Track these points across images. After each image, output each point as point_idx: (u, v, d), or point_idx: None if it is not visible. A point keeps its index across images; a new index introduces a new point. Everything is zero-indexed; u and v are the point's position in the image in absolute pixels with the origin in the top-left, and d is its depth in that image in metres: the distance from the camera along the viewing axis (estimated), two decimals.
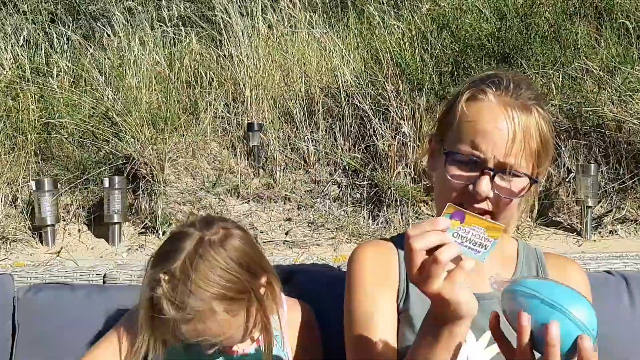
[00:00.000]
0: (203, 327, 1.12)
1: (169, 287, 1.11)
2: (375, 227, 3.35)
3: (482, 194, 1.04)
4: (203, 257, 1.14)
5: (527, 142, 1.04)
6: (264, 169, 3.52)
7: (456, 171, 1.07)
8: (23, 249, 3.24)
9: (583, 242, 3.20)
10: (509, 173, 1.05)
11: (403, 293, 1.17)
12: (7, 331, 1.56)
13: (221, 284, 1.13)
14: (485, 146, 1.04)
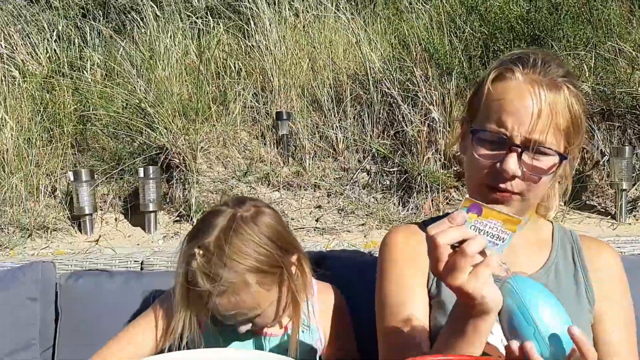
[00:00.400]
0: (236, 299, 1.16)
1: (203, 261, 1.16)
2: (405, 214, 3.35)
3: (509, 171, 1.04)
4: (236, 231, 1.18)
5: (554, 119, 1.04)
6: (293, 158, 3.55)
7: (483, 150, 1.07)
8: (63, 237, 3.33)
9: (617, 225, 3.14)
10: (536, 150, 1.04)
11: (434, 278, 1.17)
12: (50, 316, 1.62)
13: (254, 256, 1.17)
14: (511, 123, 1.04)
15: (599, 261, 1.20)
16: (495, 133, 1.05)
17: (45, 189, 3.41)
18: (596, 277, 1.18)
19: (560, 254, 1.20)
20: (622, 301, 1.19)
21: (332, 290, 1.39)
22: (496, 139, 1.06)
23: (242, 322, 1.22)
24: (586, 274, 1.18)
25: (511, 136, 1.04)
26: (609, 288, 1.18)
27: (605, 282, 1.18)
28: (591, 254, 1.21)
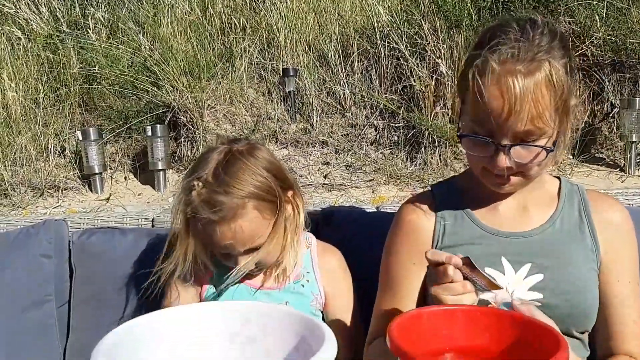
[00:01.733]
0: (236, 227, 1.18)
1: (202, 190, 1.18)
2: (413, 169, 3.35)
3: (500, 167, 1.07)
4: (233, 162, 1.21)
5: (538, 104, 1.02)
6: (301, 114, 3.53)
7: (473, 151, 1.10)
8: (74, 196, 3.37)
9: (626, 178, 3.13)
10: (521, 144, 1.05)
11: (437, 248, 1.21)
12: (65, 273, 1.66)
13: (252, 183, 1.19)
14: (493, 124, 1.04)
15: (606, 215, 1.21)
16: (480, 136, 1.07)
17: (54, 149, 3.43)
18: (603, 229, 1.20)
19: (567, 207, 1.22)
20: (630, 255, 1.21)
21: (334, 250, 1.42)
22: (482, 141, 1.07)
23: (242, 257, 1.23)
24: (592, 227, 1.20)
25: (495, 136, 1.05)
26: (617, 242, 1.20)
27: (612, 236, 1.20)
28: (598, 208, 1.22)
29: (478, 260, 1.15)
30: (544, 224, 1.20)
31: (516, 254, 1.16)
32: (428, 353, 0.83)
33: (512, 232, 1.19)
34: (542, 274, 1.15)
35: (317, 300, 1.35)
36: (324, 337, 0.74)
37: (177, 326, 0.87)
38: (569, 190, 1.25)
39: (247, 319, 0.87)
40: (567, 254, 1.17)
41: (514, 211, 1.22)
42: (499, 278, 1.14)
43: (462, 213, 1.22)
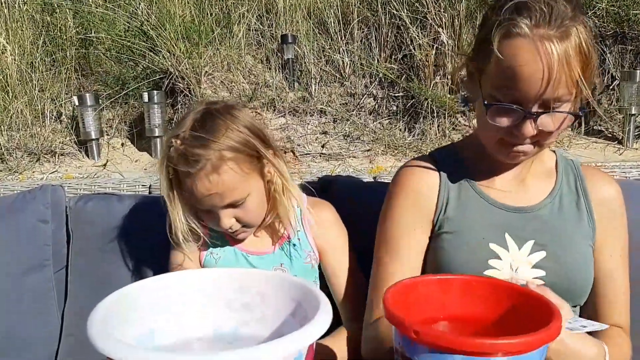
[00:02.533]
0: (216, 179, 1.18)
1: (180, 146, 1.18)
2: (411, 139, 3.34)
3: (525, 135, 1.04)
4: (210, 118, 1.21)
5: (568, 71, 0.99)
6: (299, 82, 3.50)
7: (498, 118, 1.05)
8: (71, 162, 3.36)
9: (624, 150, 3.13)
10: (550, 111, 1.02)
11: (440, 211, 1.19)
12: (62, 238, 1.66)
13: (230, 137, 1.19)
14: (524, 90, 1.00)
15: (600, 191, 1.22)
16: (507, 103, 1.03)
17: (50, 114, 3.41)
18: (598, 206, 1.21)
19: (564, 183, 1.22)
20: (621, 230, 1.23)
21: (325, 205, 1.42)
22: (509, 110, 1.03)
23: (225, 213, 1.23)
24: (589, 202, 1.21)
25: (526, 102, 1.02)
26: (610, 218, 1.21)
27: (606, 212, 1.21)
28: (593, 183, 1.23)
29: (482, 235, 1.15)
30: (545, 199, 1.20)
31: (519, 230, 1.16)
32: (423, 321, 0.84)
33: (515, 207, 1.18)
34: (544, 251, 1.15)
35: (310, 257, 1.36)
36: (319, 304, 0.75)
37: (173, 292, 0.87)
38: (565, 165, 1.25)
39: (242, 285, 0.88)
40: (568, 231, 1.18)
41: (513, 185, 1.21)
42: (503, 254, 1.14)
43: (466, 182, 1.21)
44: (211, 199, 1.20)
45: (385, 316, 0.77)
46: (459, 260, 1.14)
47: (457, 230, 1.17)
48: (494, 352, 0.68)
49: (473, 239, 1.15)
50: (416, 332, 0.71)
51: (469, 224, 1.16)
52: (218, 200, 1.21)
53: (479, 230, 1.16)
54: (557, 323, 0.73)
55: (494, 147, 1.12)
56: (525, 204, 1.19)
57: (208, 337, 0.89)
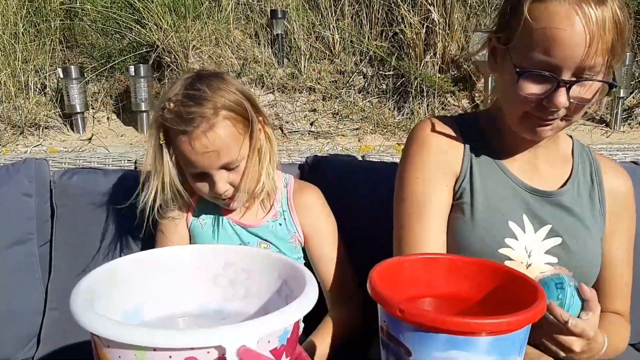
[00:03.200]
0: (209, 136, 1.17)
1: (174, 107, 1.18)
2: (400, 118, 3.33)
3: (559, 106, 1.00)
4: (203, 80, 1.21)
5: (604, 39, 0.96)
6: (288, 59, 3.47)
7: (530, 87, 1.01)
8: (55, 135, 3.31)
9: (611, 133, 3.15)
10: (584, 79, 0.99)
11: (463, 179, 1.15)
12: (46, 212, 1.65)
13: (223, 96, 1.20)
14: (561, 55, 0.96)
15: (614, 182, 1.22)
16: (543, 68, 0.99)
17: (34, 86, 3.35)
18: (610, 197, 1.20)
19: (581, 169, 1.21)
20: (630, 223, 1.24)
21: (312, 188, 1.42)
22: (542, 78, 1.00)
23: (219, 176, 1.23)
24: (602, 192, 1.20)
25: (561, 69, 0.98)
26: (620, 209, 1.21)
27: (617, 204, 1.21)
28: (608, 175, 1.22)
29: (502, 212, 1.11)
30: (565, 185, 1.17)
31: (537, 212, 1.14)
32: (409, 299, 0.84)
33: (537, 189, 1.15)
34: (560, 237, 1.13)
35: (295, 238, 1.36)
36: (305, 282, 0.74)
37: (159, 268, 0.87)
38: (581, 151, 1.23)
39: (229, 261, 0.87)
40: (584, 220, 1.16)
41: (528, 165, 1.18)
42: (519, 234, 1.12)
43: (488, 155, 1.16)
44: (208, 157, 1.19)
45: (371, 294, 0.77)
46: (476, 234, 1.10)
47: (479, 203, 1.12)
48: (478, 332, 0.68)
49: (493, 214, 1.11)
50: (401, 311, 0.71)
51: (491, 198, 1.12)
52: (214, 160, 1.20)
53: (499, 205, 1.12)
54: (542, 303, 0.74)
55: (519, 121, 1.08)
56: (542, 187, 1.16)
57: (193, 313, 0.88)
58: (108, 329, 0.62)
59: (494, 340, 0.69)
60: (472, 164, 1.15)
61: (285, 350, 0.68)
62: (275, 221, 1.35)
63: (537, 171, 1.18)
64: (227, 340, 0.61)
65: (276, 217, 1.36)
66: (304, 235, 1.36)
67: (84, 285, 0.73)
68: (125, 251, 1.55)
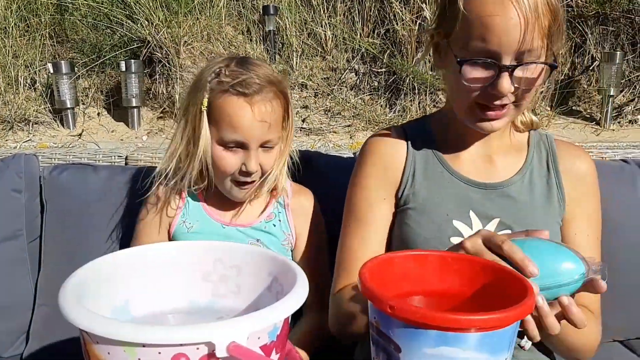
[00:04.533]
0: (269, 108, 1.20)
1: (232, 72, 1.20)
2: (392, 115, 3.34)
3: (503, 92, 1.01)
4: (247, 59, 1.24)
5: (539, 24, 0.98)
6: (280, 55, 3.46)
7: (472, 75, 1.02)
8: (45, 131, 3.30)
9: (601, 131, 3.17)
10: (526, 63, 1.00)
11: (406, 185, 1.18)
12: (36, 208, 1.63)
13: (271, 74, 1.23)
14: (498, 41, 0.98)
15: (572, 165, 1.20)
16: (482, 55, 1.00)
17: (24, 81, 3.33)
18: (569, 180, 1.19)
19: (536, 158, 1.20)
20: (591, 204, 1.21)
21: (307, 191, 1.42)
22: (484, 63, 1.01)
23: (256, 151, 1.22)
24: (559, 178, 1.19)
25: (500, 55, 0.99)
26: (581, 191, 1.19)
27: (577, 186, 1.19)
28: (565, 158, 1.21)
29: (446, 212, 1.13)
30: (514, 176, 1.17)
31: (484, 207, 1.14)
32: (399, 296, 0.84)
33: (482, 182, 1.16)
34: (510, 229, 1.12)
35: (288, 240, 1.36)
36: (295, 279, 0.74)
37: (149, 264, 0.86)
38: (538, 140, 1.23)
39: (219, 258, 0.87)
40: (536, 210, 1.15)
41: (480, 160, 1.19)
42: (466, 232, 1.12)
43: (434, 156, 1.19)
44: (259, 127, 1.19)
45: (361, 291, 0.77)
46: (423, 236, 1.13)
47: (422, 206, 1.15)
48: (468, 328, 0.68)
49: (437, 216, 1.14)
50: (391, 307, 0.71)
51: (434, 200, 1.15)
52: (262, 132, 1.20)
53: (443, 206, 1.14)
54: (531, 300, 0.74)
55: (467, 113, 1.08)
56: (492, 180, 1.16)
57: (183, 309, 0.88)
58: (97, 325, 0.61)
59: (483, 336, 0.69)
60: (416, 170, 1.18)
61: (275, 346, 0.68)
62: (269, 222, 1.35)
63: (490, 163, 1.18)
64: (217, 337, 0.60)
65: (270, 218, 1.35)
66: (295, 238, 1.36)
67: (72, 281, 0.73)
68: (115, 247, 1.54)
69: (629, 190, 1.53)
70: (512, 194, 1.16)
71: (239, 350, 0.61)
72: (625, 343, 1.57)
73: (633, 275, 1.47)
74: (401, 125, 1.26)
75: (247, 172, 1.23)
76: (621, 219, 1.46)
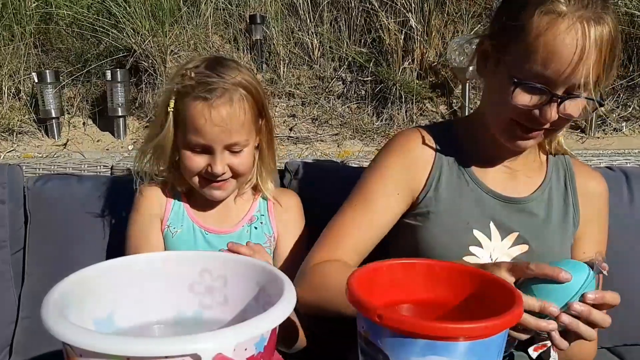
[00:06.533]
0: (230, 111, 1.19)
1: (195, 76, 1.20)
2: (379, 124, 3.35)
3: (548, 120, 1.02)
4: (222, 62, 1.24)
5: (600, 59, 0.98)
6: (267, 64, 3.47)
7: (523, 98, 1.02)
8: (29, 141, 3.26)
9: (586, 139, 3.20)
10: (575, 96, 1.00)
11: (428, 192, 1.17)
12: (20, 219, 1.61)
13: (241, 76, 1.22)
14: (558, 68, 0.97)
15: (588, 186, 1.23)
16: (538, 80, 1.00)
17: (8, 91, 3.29)
18: (584, 201, 1.21)
19: (554, 177, 1.22)
20: (601, 225, 1.24)
21: (290, 193, 1.43)
22: (537, 90, 1.01)
23: (221, 156, 1.22)
24: (575, 197, 1.21)
25: (555, 85, 0.99)
26: (593, 212, 1.22)
27: (590, 206, 1.22)
28: (582, 178, 1.23)
29: (467, 220, 1.14)
30: (535, 192, 1.18)
31: (505, 220, 1.15)
32: (387, 304, 0.84)
33: (505, 196, 1.17)
34: (527, 245, 1.14)
35: (270, 242, 1.35)
36: (283, 288, 0.74)
37: (134, 275, 0.85)
38: (555, 160, 1.24)
39: (205, 268, 0.86)
40: (554, 227, 1.17)
41: (503, 174, 1.19)
42: (485, 242, 1.13)
43: (459, 163, 1.18)
44: (220, 132, 1.19)
45: (349, 300, 0.76)
46: (440, 242, 1.13)
47: (443, 212, 1.15)
48: (456, 337, 0.68)
49: (457, 223, 1.14)
50: (379, 316, 0.70)
51: (457, 207, 1.15)
52: (225, 136, 1.20)
53: (464, 214, 1.14)
54: (519, 308, 0.74)
55: (504, 129, 1.09)
56: (514, 195, 1.17)
57: (169, 321, 0.87)
58: (80, 338, 0.60)
59: (471, 345, 0.69)
60: (441, 175, 1.17)
61: (263, 357, 0.67)
62: (250, 225, 1.34)
63: (514, 178, 1.20)
64: (203, 348, 0.60)
65: (252, 221, 1.35)
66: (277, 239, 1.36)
67: (55, 293, 0.72)
68: (100, 258, 1.52)
69: (615, 198, 1.54)
70: (532, 210, 1.17)
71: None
72: (613, 350, 1.57)
73: (619, 281, 1.48)
74: (426, 127, 1.25)
75: (213, 174, 1.24)
76: None
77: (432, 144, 1.19)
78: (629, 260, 1.53)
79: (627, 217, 1.55)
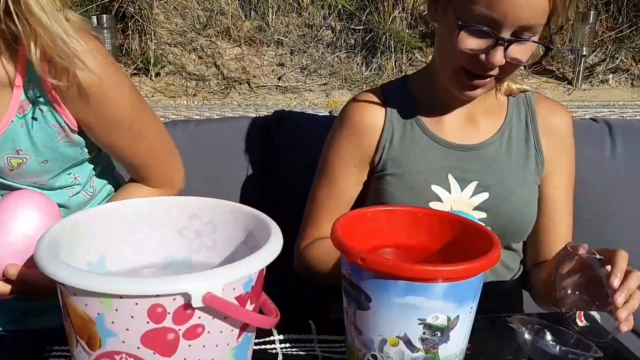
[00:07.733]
0: None
1: None
2: (368, 74, 3.32)
3: (495, 64, 1.00)
4: None
5: (548, 2, 0.96)
6: (256, 11, 3.40)
7: (469, 42, 1.00)
8: None
9: (573, 90, 3.21)
10: (523, 40, 0.99)
11: (382, 155, 1.18)
12: None
13: None
14: (504, 11, 0.95)
15: (551, 122, 1.22)
16: (483, 25, 0.98)
17: None
18: (546, 136, 1.21)
19: (515, 117, 1.21)
20: (567, 161, 1.24)
21: None
22: (482, 33, 0.99)
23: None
24: (537, 136, 1.20)
25: (501, 28, 0.98)
26: (558, 148, 1.22)
27: (555, 143, 1.22)
28: (543, 113, 1.22)
29: (424, 176, 1.15)
30: (492, 136, 1.18)
31: (462, 170, 1.15)
32: (370, 249, 0.87)
33: (460, 145, 1.17)
34: (487, 192, 1.15)
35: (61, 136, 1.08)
36: (270, 233, 0.76)
37: (124, 219, 0.87)
38: (517, 99, 1.23)
39: (194, 214, 0.88)
40: (514, 170, 1.17)
41: (462, 122, 1.19)
42: (445, 196, 1.15)
43: (413, 120, 1.18)
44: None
45: (334, 244, 0.79)
46: (401, 202, 1.14)
47: (400, 172, 1.16)
48: (435, 278, 0.71)
49: (415, 181, 1.15)
50: (362, 259, 0.73)
51: (412, 165, 1.16)
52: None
53: (421, 171, 1.15)
54: (496, 252, 0.77)
55: (452, 77, 1.08)
56: (471, 142, 1.17)
57: (159, 264, 0.89)
58: (73, 277, 0.62)
59: (449, 286, 0.72)
60: (394, 135, 1.17)
61: (250, 297, 0.70)
62: (23, 117, 0.99)
63: (472, 124, 1.19)
64: (193, 287, 0.62)
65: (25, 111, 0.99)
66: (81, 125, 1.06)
67: (46, 238, 0.73)
68: None
69: (597, 149, 1.57)
70: (490, 155, 1.17)
71: (214, 301, 0.63)
72: None
73: (596, 231, 1.53)
74: (381, 87, 1.25)
75: None
76: (589, 177, 1.51)
77: (382, 107, 1.19)
78: (609, 211, 1.57)
79: (608, 169, 1.58)
